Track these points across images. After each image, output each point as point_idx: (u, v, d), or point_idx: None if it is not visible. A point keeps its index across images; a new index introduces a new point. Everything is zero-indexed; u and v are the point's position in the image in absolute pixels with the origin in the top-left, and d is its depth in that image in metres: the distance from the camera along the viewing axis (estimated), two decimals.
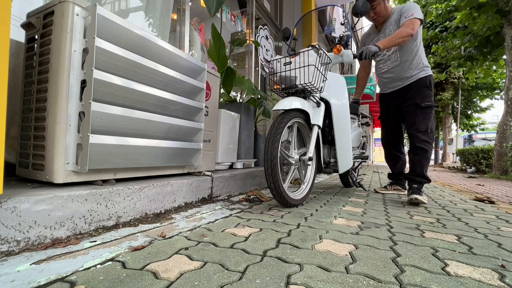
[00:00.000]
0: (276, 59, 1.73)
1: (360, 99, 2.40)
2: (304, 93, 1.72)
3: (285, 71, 1.69)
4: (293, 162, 1.65)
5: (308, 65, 1.58)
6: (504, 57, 6.56)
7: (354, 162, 2.30)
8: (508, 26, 5.97)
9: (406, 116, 2.03)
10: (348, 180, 2.68)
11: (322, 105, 1.75)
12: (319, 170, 1.86)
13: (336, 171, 1.92)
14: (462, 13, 6.85)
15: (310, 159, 1.62)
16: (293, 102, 1.57)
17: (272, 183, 1.42)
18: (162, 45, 1.33)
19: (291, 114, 1.57)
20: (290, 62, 1.67)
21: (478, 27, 6.56)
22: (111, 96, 1.10)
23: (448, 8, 7.72)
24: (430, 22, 10.56)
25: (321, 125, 1.70)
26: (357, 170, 2.77)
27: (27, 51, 1.13)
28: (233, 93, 3.55)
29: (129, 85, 1.15)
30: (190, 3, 2.63)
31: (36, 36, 1.10)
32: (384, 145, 2.33)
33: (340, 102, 1.83)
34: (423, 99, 1.92)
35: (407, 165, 2.12)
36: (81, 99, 1.03)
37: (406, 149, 2.24)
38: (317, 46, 1.69)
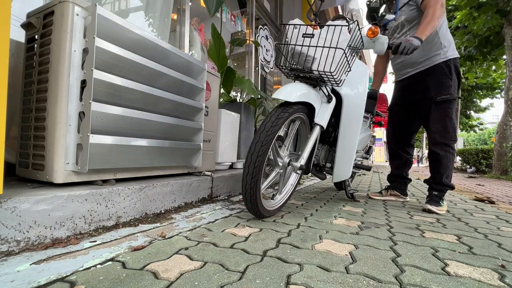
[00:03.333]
0: (294, 24, 1.26)
1: (378, 91, 2.01)
2: (316, 81, 1.32)
3: (302, 45, 1.24)
4: (280, 165, 1.32)
5: (336, 48, 1.16)
6: (504, 57, 6.57)
7: (353, 173, 1.92)
8: (508, 26, 5.98)
9: (420, 113, 1.76)
10: (341, 185, 2.30)
11: (334, 100, 1.38)
12: (305, 171, 1.52)
13: (330, 175, 1.62)
14: (462, 12, 6.86)
15: (301, 168, 1.27)
16: (301, 93, 1.23)
17: (249, 194, 1.13)
18: (162, 45, 1.33)
19: (294, 107, 1.22)
20: (313, 35, 1.22)
21: (478, 27, 6.57)
22: (111, 96, 1.10)
23: (448, 7, 7.73)
24: None
25: (325, 127, 1.35)
26: (353, 176, 2.37)
27: (27, 51, 1.13)
28: (233, 93, 3.55)
29: (129, 85, 1.15)
30: (190, 3, 2.64)
31: (36, 36, 1.10)
32: (387, 140, 2.04)
33: (356, 100, 1.46)
34: (440, 91, 1.61)
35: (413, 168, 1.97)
36: (81, 99, 1.03)
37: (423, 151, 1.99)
38: (354, 20, 1.26)
